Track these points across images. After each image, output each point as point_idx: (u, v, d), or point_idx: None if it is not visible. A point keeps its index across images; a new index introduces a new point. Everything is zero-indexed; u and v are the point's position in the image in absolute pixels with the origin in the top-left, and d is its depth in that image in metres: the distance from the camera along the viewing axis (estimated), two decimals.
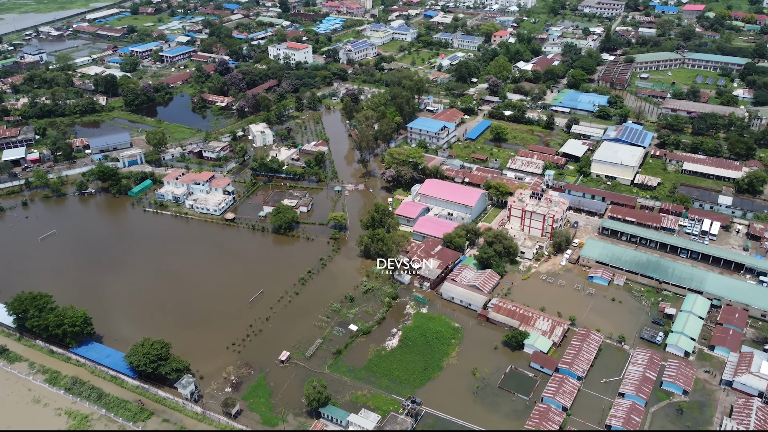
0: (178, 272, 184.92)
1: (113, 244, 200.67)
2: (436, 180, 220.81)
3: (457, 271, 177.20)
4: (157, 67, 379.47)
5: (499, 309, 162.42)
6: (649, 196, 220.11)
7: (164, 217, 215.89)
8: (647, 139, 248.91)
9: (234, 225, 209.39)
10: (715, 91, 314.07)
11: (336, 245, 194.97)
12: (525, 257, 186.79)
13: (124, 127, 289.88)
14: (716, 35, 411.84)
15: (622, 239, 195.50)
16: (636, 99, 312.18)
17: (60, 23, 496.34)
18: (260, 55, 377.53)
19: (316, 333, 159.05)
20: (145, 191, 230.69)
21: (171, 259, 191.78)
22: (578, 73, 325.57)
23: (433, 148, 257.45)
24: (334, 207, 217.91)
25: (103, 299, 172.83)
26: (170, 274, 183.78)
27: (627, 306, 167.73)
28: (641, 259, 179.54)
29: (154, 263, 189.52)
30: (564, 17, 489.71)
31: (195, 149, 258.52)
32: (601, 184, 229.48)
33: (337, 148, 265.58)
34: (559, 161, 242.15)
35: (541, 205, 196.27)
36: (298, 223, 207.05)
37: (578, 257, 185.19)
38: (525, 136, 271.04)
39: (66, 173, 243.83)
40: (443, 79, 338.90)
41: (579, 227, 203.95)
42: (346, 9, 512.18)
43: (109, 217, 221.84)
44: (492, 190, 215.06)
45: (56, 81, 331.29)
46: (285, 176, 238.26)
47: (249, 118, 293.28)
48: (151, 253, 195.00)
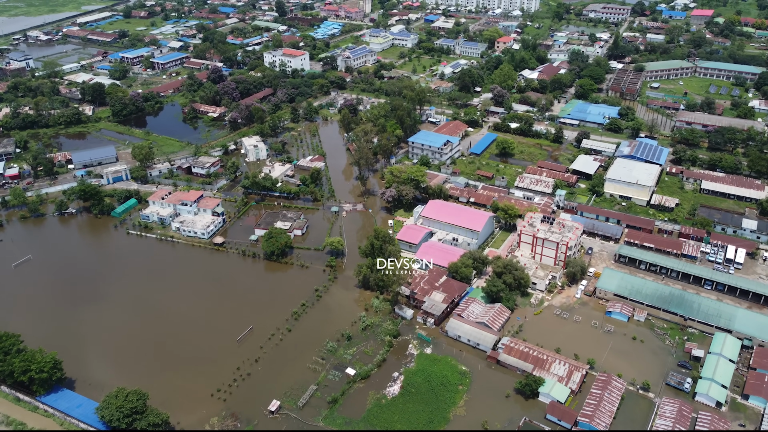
0: (161, 305, 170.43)
1: (92, 272, 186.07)
2: (440, 201, 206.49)
3: (463, 305, 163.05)
4: (148, 74, 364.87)
5: (511, 350, 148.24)
6: (667, 219, 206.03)
7: (148, 241, 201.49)
8: (663, 155, 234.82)
9: (223, 250, 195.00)
10: (730, 102, 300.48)
11: (332, 274, 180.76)
12: (537, 288, 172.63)
13: (111, 140, 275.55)
14: (727, 42, 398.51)
15: (640, 267, 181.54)
16: (647, 110, 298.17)
17: (50, 27, 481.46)
18: (255, 62, 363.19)
19: (310, 377, 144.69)
20: (130, 211, 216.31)
21: (154, 289, 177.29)
22: (586, 83, 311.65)
23: (436, 164, 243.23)
24: (330, 230, 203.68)
25: (77, 336, 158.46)
26: (152, 307, 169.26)
27: (650, 346, 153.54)
28: (663, 292, 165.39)
29: (135, 294, 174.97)
30: (569, 22, 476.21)
31: (184, 165, 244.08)
32: (615, 205, 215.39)
33: (335, 164, 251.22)
34: (570, 179, 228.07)
35: (554, 230, 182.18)
36: (291, 247, 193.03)
37: (594, 289, 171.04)
38: (532, 151, 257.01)
39: (46, 191, 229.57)
40: (445, 88, 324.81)
41: (593, 254, 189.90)
42: (345, 13, 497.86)
43: (90, 240, 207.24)
44: (500, 213, 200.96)
45: (41, 89, 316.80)
46: (279, 195, 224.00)
47: (242, 131, 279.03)
48: (132, 282, 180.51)
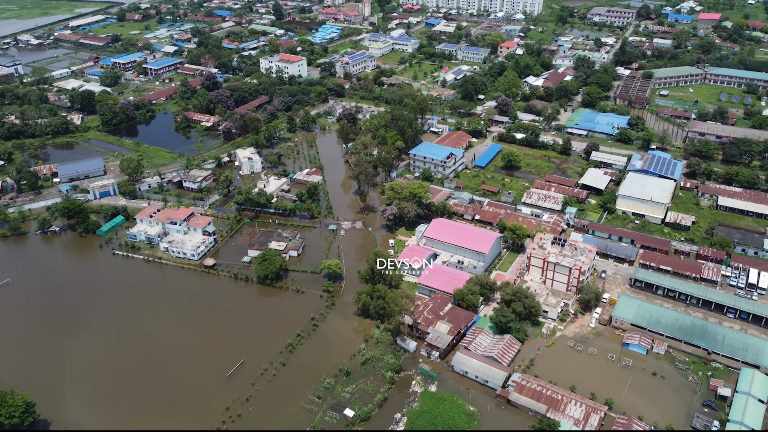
0: (146, 335, 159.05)
1: (74, 297, 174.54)
2: (444, 220, 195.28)
3: (470, 336, 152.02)
4: (141, 80, 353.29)
5: (522, 389, 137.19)
6: (684, 239, 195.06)
7: (135, 262, 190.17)
8: (677, 170, 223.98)
9: (214, 273, 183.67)
10: (743, 111, 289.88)
11: (329, 300, 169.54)
12: (548, 317, 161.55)
13: (99, 151, 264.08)
14: (736, 46, 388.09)
15: (657, 293, 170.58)
16: (657, 119, 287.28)
17: (41, 30, 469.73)
18: (251, 68, 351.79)
19: (305, 419, 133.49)
20: (116, 229, 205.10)
21: (139, 317, 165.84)
22: (594, 91, 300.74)
23: (439, 177, 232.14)
24: (328, 250, 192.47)
25: (55, 371, 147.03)
26: (136, 338, 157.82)
27: (671, 383, 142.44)
28: (684, 322, 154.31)
29: (118, 323, 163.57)
30: (572, 26, 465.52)
31: (174, 179, 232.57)
32: (627, 223, 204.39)
33: (333, 178, 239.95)
34: (580, 194, 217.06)
35: (566, 253, 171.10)
36: (286, 270, 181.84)
37: (610, 318, 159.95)
38: (539, 164, 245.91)
39: (29, 207, 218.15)
40: (447, 95, 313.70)
41: (607, 277, 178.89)
42: (344, 16, 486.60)
43: (73, 261, 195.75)
44: (507, 233, 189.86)
45: (29, 97, 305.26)
46: (274, 212, 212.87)
47: (236, 141, 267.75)
48: (116, 309, 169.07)
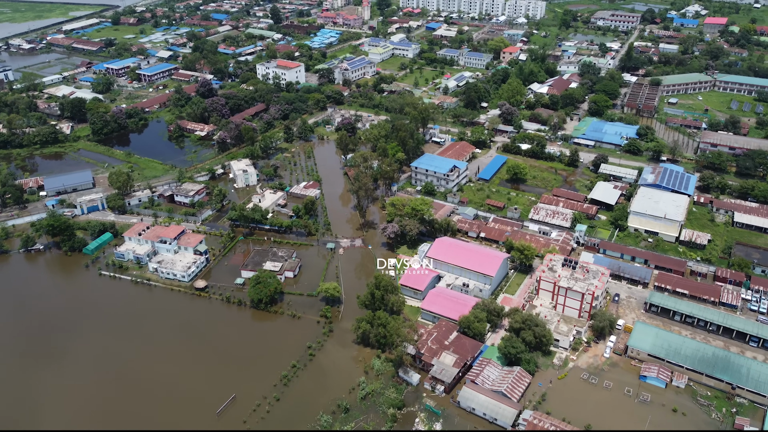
0: (131, 364, 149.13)
1: (56, 322, 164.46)
2: (448, 239, 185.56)
3: (477, 368, 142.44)
4: (134, 87, 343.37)
5: (535, 429, 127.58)
6: (700, 259, 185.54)
7: (122, 284, 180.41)
8: (691, 184, 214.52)
9: (205, 295, 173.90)
10: (755, 120, 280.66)
11: (327, 326, 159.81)
12: (560, 346, 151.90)
13: (89, 162, 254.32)
14: (744, 52, 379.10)
15: (674, 319, 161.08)
16: (666, 129, 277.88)
17: (34, 34, 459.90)
18: (247, 75, 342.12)
19: None
20: (104, 248, 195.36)
21: (124, 344, 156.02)
22: (600, 99, 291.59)
23: (442, 191, 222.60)
24: (325, 271, 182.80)
25: (30, 405, 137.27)
26: (121, 368, 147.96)
27: (694, 420, 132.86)
28: (706, 353, 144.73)
29: (102, 351, 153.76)
30: (576, 30, 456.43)
31: (166, 192, 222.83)
32: (640, 241, 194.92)
33: (331, 191, 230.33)
34: (590, 210, 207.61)
35: (577, 277, 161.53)
36: (282, 293, 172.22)
37: (626, 347, 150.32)
38: (546, 176, 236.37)
39: (13, 223, 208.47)
40: (449, 103, 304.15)
41: (620, 301, 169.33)
42: (343, 20, 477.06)
43: (57, 282, 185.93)
44: (515, 253, 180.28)
45: (17, 105, 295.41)
46: (269, 228, 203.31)
47: (231, 152, 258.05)
48: (100, 335, 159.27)
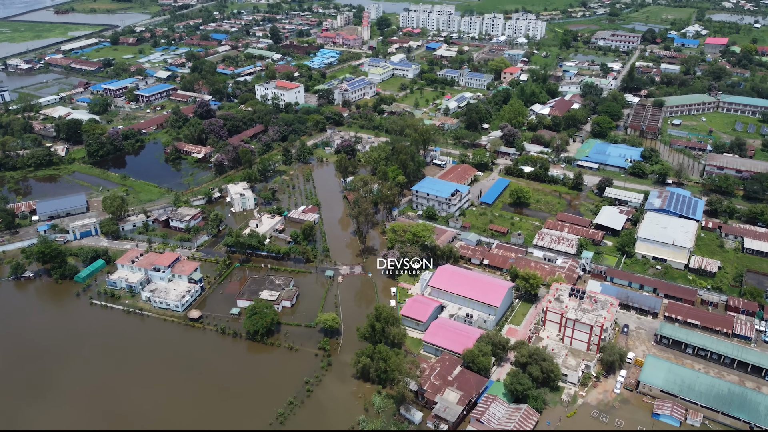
0: (120, 400, 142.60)
1: (44, 353, 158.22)
2: (450, 267, 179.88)
3: (482, 405, 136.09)
4: (131, 107, 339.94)
5: None
6: (711, 287, 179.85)
7: (114, 313, 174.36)
8: (699, 209, 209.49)
9: (199, 326, 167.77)
10: (761, 142, 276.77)
11: (326, 360, 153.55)
12: (568, 381, 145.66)
13: (83, 185, 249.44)
14: (746, 72, 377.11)
15: (686, 351, 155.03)
16: (671, 151, 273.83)
17: (32, 54, 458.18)
18: (246, 95, 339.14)
19: None
20: (96, 275, 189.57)
21: (113, 378, 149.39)
22: (603, 120, 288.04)
23: (444, 216, 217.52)
24: (324, 300, 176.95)
25: None
26: (109, 404, 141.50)
27: None
28: (721, 389, 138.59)
29: (89, 385, 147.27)
30: (577, 50, 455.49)
31: (161, 217, 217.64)
32: (648, 268, 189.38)
33: (330, 215, 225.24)
34: (595, 236, 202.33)
35: (585, 307, 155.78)
36: (279, 323, 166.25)
37: (637, 383, 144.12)
38: (550, 200, 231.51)
39: (3, 249, 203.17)
40: (450, 124, 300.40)
41: (629, 332, 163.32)
42: (342, 40, 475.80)
43: (47, 311, 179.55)
44: (520, 281, 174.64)
45: (12, 126, 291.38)
46: (266, 255, 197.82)
47: (228, 175, 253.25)
48: (89, 369, 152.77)
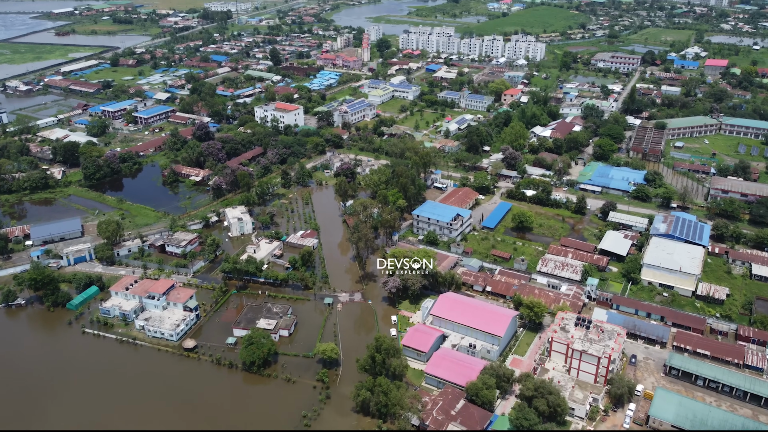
0: None
1: (34, 384, 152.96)
2: (453, 295, 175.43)
3: None
4: (129, 129, 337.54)
5: None
6: (720, 315, 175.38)
7: (107, 343, 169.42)
8: (705, 235, 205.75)
9: (194, 356, 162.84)
10: (765, 165, 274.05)
11: (324, 392, 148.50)
12: (575, 415, 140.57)
13: (79, 209, 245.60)
14: (747, 94, 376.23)
15: (697, 383, 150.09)
16: (674, 174, 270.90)
17: (32, 76, 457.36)
18: (245, 117, 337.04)
19: None
20: (89, 302, 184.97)
21: (103, 413, 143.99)
22: (605, 143, 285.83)
23: (445, 240, 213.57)
24: (323, 329, 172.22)
25: None
26: None
27: None
28: (735, 425, 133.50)
29: (81, 415, 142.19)
30: (577, 72, 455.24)
31: (157, 242, 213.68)
32: (655, 295, 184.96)
33: (330, 240, 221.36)
34: (600, 261, 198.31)
35: (592, 337, 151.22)
36: (276, 353, 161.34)
37: (647, 417, 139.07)
38: (553, 224, 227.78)
39: None
40: (451, 147, 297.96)
41: (638, 363, 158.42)
42: (342, 62, 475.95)
43: (37, 341, 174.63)
44: (524, 309, 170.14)
45: (8, 149, 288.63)
46: (264, 281, 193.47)
47: (226, 198, 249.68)
48: (79, 402, 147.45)
